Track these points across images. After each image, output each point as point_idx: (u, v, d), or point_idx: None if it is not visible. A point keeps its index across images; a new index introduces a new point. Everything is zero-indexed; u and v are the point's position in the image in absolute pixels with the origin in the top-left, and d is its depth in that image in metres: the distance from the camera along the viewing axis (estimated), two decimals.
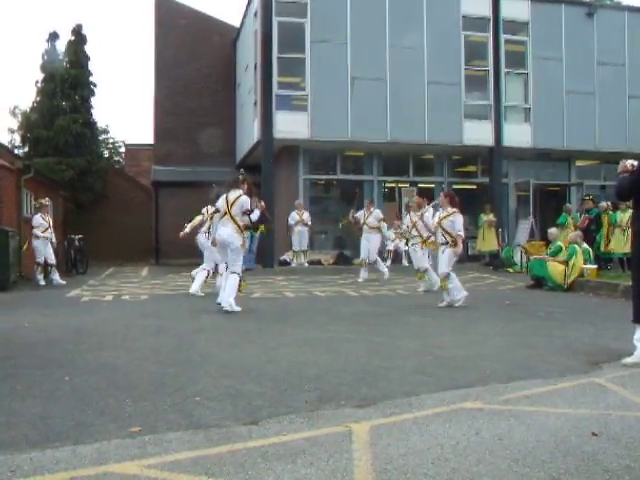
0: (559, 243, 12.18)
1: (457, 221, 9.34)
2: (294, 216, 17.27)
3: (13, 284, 12.93)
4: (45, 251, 13.64)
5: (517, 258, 16.84)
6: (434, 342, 6.31)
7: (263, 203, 9.94)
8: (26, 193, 16.90)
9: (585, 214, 15.21)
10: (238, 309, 8.54)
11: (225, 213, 8.70)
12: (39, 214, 13.91)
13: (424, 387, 4.46)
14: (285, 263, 17.58)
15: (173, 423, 3.62)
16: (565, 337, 6.60)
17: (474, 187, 21.09)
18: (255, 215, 8.82)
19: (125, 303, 10.18)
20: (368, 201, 15.29)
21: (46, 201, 14.32)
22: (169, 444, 3.28)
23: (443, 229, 9.42)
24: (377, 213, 13.89)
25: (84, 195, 25.45)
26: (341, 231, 19.31)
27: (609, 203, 15.01)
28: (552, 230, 13.07)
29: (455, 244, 9.27)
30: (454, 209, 9.46)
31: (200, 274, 11.08)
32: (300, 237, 17.33)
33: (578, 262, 11.71)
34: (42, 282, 13.60)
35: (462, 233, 9.38)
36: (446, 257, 9.34)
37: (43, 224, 13.76)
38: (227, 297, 8.50)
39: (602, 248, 14.45)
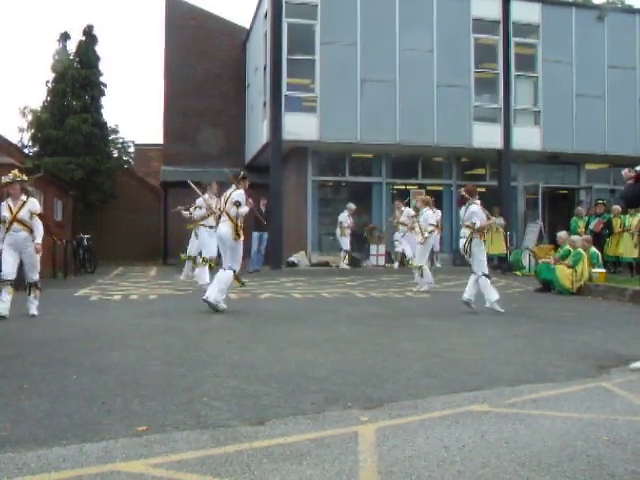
0: (567, 247, 12.13)
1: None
2: (347, 219, 17.41)
3: (20, 283, 12.90)
4: None
5: (525, 261, 16.78)
6: (442, 344, 6.30)
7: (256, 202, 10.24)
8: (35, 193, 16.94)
9: (598, 218, 15.15)
10: (224, 306, 8.56)
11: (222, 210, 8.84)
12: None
13: (431, 389, 4.46)
14: (293, 264, 17.58)
15: (180, 423, 3.63)
16: (573, 341, 6.58)
17: (483, 190, 20.97)
18: (244, 209, 8.73)
19: (133, 303, 10.21)
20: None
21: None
22: (175, 443, 3.29)
23: None
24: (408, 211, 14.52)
25: (93, 195, 25.56)
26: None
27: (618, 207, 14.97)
28: (561, 234, 12.99)
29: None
30: None
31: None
32: (347, 240, 17.50)
33: (584, 268, 11.67)
34: None
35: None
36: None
37: None
38: (216, 293, 8.48)
39: (609, 251, 14.41)
